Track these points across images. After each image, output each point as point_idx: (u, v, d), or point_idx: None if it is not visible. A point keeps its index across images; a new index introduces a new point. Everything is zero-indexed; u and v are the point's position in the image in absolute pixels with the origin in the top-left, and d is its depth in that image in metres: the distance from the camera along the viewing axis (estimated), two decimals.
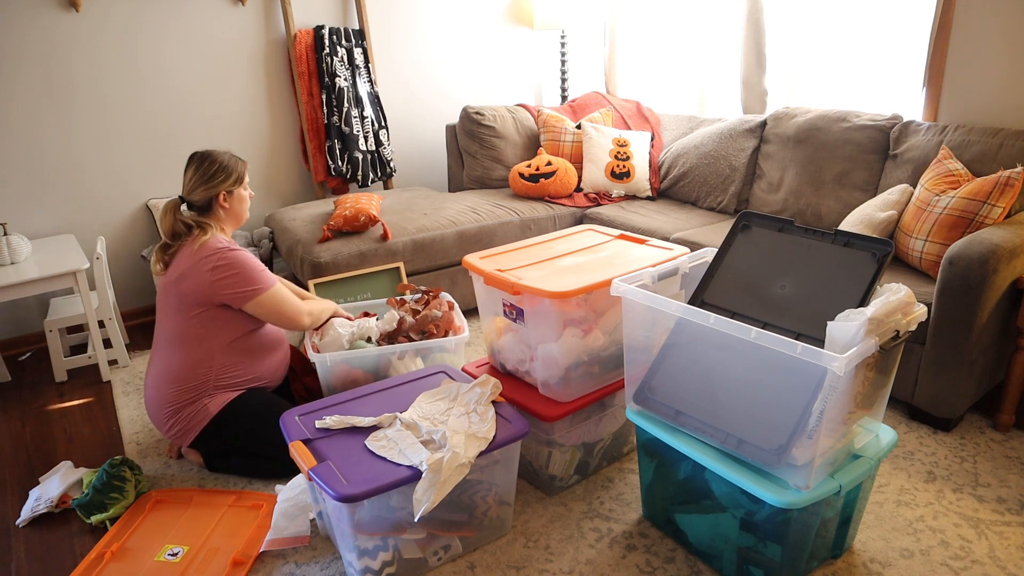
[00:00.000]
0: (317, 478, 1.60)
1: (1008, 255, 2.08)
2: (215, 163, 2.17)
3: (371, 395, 1.97)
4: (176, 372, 2.10)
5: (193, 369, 2.10)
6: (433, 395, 1.93)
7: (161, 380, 2.12)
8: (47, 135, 3.15)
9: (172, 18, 3.33)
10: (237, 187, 2.21)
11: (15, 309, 3.24)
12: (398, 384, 2.03)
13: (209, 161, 2.17)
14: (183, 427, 2.11)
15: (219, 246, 2.10)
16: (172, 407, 2.10)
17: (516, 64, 4.48)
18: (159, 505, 2.07)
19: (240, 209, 2.25)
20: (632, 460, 2.20)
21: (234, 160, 2.22)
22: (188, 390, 2.10)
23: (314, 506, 1.90)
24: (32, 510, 2.05)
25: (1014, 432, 2.26)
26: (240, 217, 2.26)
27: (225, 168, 2.18)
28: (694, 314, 1.57)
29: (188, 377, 2.10)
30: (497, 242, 3.34)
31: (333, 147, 3.69)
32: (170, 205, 2.17)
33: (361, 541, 1.65)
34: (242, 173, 2.23)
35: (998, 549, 1.77)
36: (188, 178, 2.17)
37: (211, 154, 2.19)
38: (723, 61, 3.78)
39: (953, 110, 2.82)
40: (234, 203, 2.22)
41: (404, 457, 1.66)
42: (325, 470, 1.62)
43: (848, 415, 1.51)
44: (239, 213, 2.25)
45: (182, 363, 2.10)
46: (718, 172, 3.44)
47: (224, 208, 2.20)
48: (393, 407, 1.89)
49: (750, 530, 1.60)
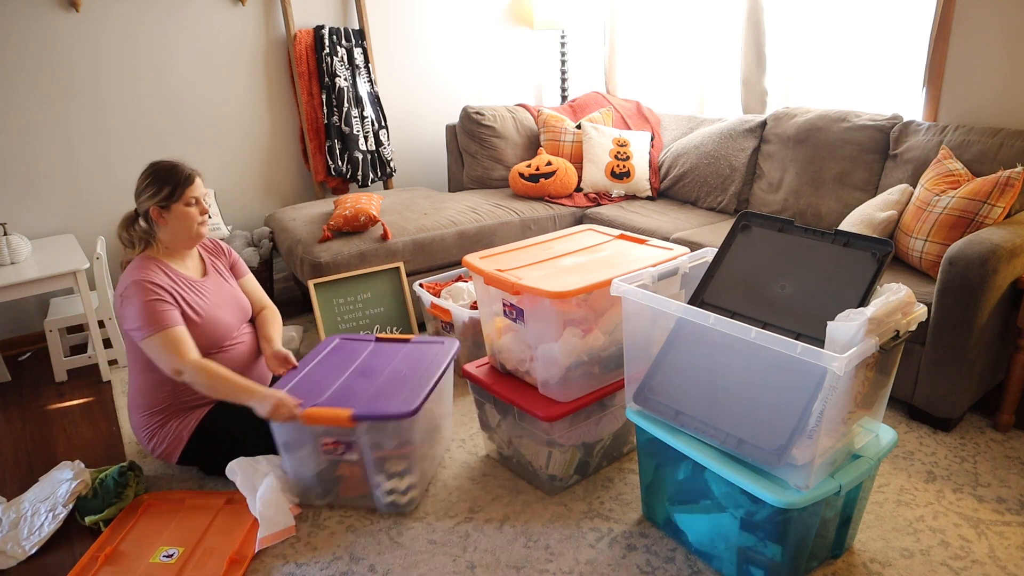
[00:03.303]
0: (368, 415, 1.85)
1: (1008, 255, 2.08)
2: (151, 173, 2.02)
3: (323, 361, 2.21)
4: (140, 397, 2.09)
5: (153, 393, 2.07)
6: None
7: (133, 405, 2.13)
8: (47, 135, 3.15)
9: (172, 18, 3.34)
10: (174, 203, 2.01)
11: (15, 309, 3.24)
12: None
13: (148, 170, 2.03)
14: (164, 450, 2.10)
15: (133, 278, 1.97)
16: (146, 431, 2.10)
17: (516, 64, 4.48)
18: (152, 508, 2.07)
19: (180, 228, 2.04)
20: (632, 460, 2.20)
21: (176, 172, 2.03)
22: (156, 414, 2.09)
23: (287, 470, 2.03)
24: (48, 527, 1.98)
25: (1014, 432, 2.26)
26: (183, 237, 2.07)
27: (158, 179, 2.01)
28: (694, 314, 1.57)
29: (152, 402, 2.08)
30: (497, 242, 3.34)
31: (333, 147, 3.69)
32: (125, 216, 2.09)
33: (392, 464, 1.94)
34: (181, 187, 2.02)
35: (998, 549, 1.77)
36: (136, 185, 2.06)
37: (156, 163, 2.04)
38: (723, 61, 3.78)
39: (953, 110, 2.82)
40: (171, 221, 2.03)
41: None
42: (364, 410, 1.87)
43: (848, 415, 1.51)
44: (180, 232, 2.05)
45: (143, 387, 2.08)
46: (718, 172, 3.44)
47: (160, 225, 2.04)
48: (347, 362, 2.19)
49: (750, 530, 1.59)
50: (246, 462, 2.04)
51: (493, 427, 2.18)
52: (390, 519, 1.98)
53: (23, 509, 2.05)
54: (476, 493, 2.08)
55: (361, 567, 1.81)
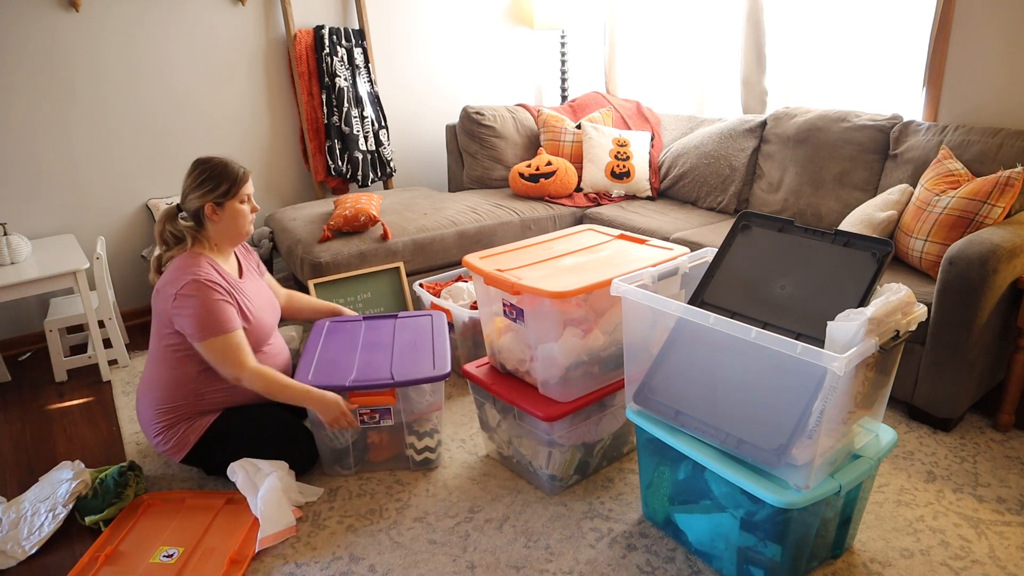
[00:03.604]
0: (409, 381, 2.03)
1: (1008, 255, 2.08)
2: (206, 170, 2.01)
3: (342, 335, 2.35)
4: (158, 392, 2.05)
5: (174, 391, 2.04)
6: None
7: (145, 400, 2.09)
8: (47, 135, 3.15)
9: (172, 18, 3.34)
10: (229, 200, 2.03)
11: (15, 309, 3.24)
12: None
13: (202, 168, 2.02)
14: (171, 447, 2.08)
15: (193, 275, 1.95)
16: (156, 427, 2.07)
17: (516, 64, 4.48)
18: (152, 508, 2.07)
19: (232, 225, 2.06)
20: (632, 460, 2.20)
21: (230, 169, 2.03)
22: (169, 411, 2.05)
23: (319, 445, 2.14)
24: (48, 527, 1.99)
25: (1014, 432, 2.26)
26: (234, 234, 2.08)
27: (214, 176, 2.01)
28: (694, 314, 1.57)
29: (168, 398, 2.04)
30: (497, 242, 3.34)
31: (333, 147, 3.69)
32: (166, 212, 2.07)
33: (419, 424, 2.13)
34: (237, 185, 2.04)
35: (998, 549, 1.77)
36: (183, 184, 2.05)
37: (207, 161, 2.03)
38: (723, 61, 3.78)
39: (953, 110, 2.82)
40: (225, 217, 2.04)
41: None
42: (402, 377, 2.04)
43: (848, 415, 1.51)
44: (231, 229, 2.07)
45: (165, 383, 2.05)
46: (718, 172, 3.44)
47: (213, 222, 2.04)
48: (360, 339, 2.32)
49: (750, 530, 1.59)
50: (247, 463, 2.04)
51: (493, 427, 2.18)
52: (390, 519, 1.98)
53: (23, 509, 2.05)
54: (476, 493, 2.08)
55: (361, 567, 1.81)
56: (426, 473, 2.18)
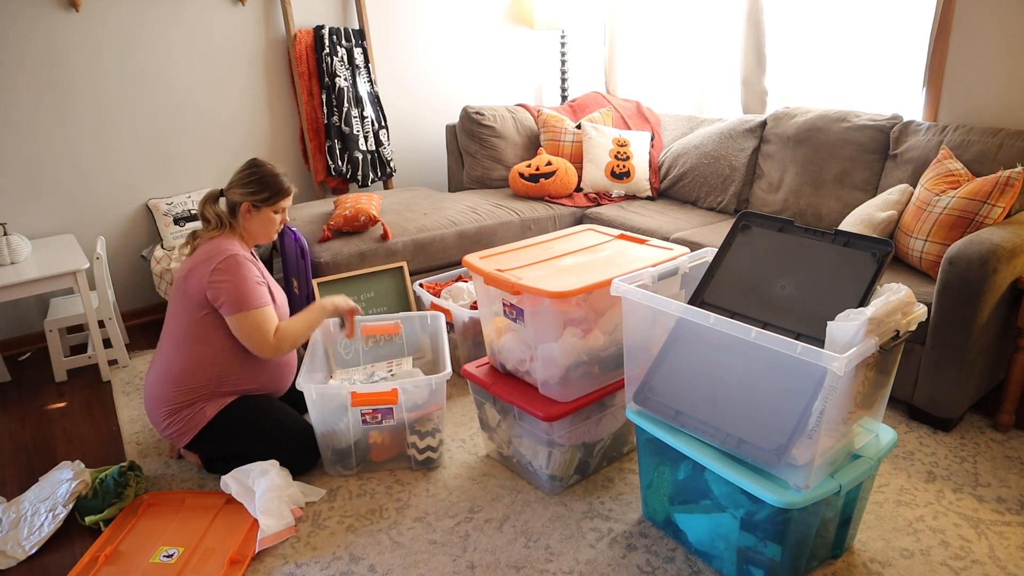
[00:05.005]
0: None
1: (1008, 255, 2.08)
2: (256, 173, 2.14)
3: None
4: (178, 372, 2.09)
5: (196, 370, 2.09)
6: None
7: (162, 378, 2.11)
8: (47, 135, 3.15)
9: (172, 18, 3.34)
10: (266, 207, 2.15)
11: (15, 309, 3.24)
12: None
13: (253, 169, 2.15)
14: (179, 428, 2.10)
15: (231, 251, 2.08)
16: (170, 407, 2.09)
17: (516, 64, 4.48)
18: (152, 508, 2.07)
19: (259, 229, 2.19)
20: (632, 460, 2.20)
21: (278, 181, 2.16)
22: (188, 391, 2.08)
23: (321, 447, 2.15)
24: (48, 527, 1.99)
25: (1014, 432, 2.26)
26: (257, 237, 2.21)
27: (261, 182, 2.14)
28: (694, 314, 1.57)
29: (189, 378, 2.08)
30: (497, 242, 3.34)
31: (333, 147, 3.69)
32: (209, 193, 2.18)
33: (421, 424, 2.15)
34: (278, 197, 2.16)
35: (998, 549, 1.77)
36: (233, 174, 2.17)
37: (262, 165, 2.16)
38: (723, 61, 3.78)
39: (953, 110, 2.82)
40: (255, 220, 2.16)
41: None
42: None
43: (848, 415, 1.51)
44: (258, 231, 2.19)
45: (186, 363, 2.09)
46: (718, 172, 3.44)
47: (245, 219, 2.16)
48: None
49: (750, 530, 1.59)
50: (239, 472, 2.05)
51: (493, 427, 2.18)
52: (390, 519, 1.98)
53: (23, 509, 2.05)
54: (476, 493, 2.08)
55: (361, 567, 1.81)
56: (426, 473, 2.18)
